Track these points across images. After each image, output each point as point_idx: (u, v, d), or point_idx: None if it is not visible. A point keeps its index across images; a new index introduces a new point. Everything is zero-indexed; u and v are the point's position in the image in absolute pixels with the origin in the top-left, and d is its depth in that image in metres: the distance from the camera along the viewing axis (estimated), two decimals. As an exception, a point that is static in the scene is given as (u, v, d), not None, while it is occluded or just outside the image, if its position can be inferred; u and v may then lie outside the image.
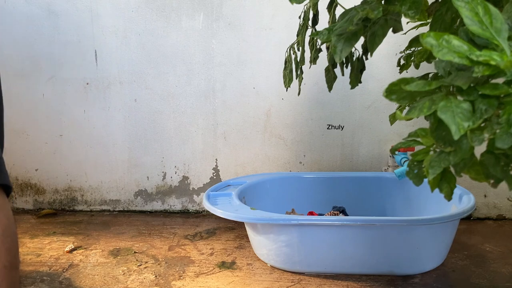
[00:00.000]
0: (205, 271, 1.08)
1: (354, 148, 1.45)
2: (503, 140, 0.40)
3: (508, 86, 0.41)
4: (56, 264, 1.14)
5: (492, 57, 0.40)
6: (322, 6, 0.85)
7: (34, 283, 1.04)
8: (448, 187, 0.54)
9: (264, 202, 1.26)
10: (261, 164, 1.50)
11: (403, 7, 0.59)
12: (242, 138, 1.49)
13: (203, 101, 1.48)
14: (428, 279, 1.00)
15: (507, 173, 0.45)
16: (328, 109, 1.43)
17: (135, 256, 1.17)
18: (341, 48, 0.63)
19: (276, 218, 0.99)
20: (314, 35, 0.68)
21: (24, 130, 1.55)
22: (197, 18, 1.43)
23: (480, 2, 0.44)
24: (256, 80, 1.45)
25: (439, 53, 0.42)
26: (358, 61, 0.85)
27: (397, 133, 1.41)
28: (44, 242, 1.29)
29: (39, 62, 1.50)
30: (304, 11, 0.85)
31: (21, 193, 1.62)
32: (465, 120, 0.40)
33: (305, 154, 1.47)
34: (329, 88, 0.89)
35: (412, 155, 0.58)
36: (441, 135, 0.46)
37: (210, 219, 1.46)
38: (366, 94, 1.40)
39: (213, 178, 1.53)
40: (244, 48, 1.43)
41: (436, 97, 0.43)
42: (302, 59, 0.90)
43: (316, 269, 1.04)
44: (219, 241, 1.27)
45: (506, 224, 1.35)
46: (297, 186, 1.36)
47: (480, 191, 1.39)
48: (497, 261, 1.09)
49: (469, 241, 1.22)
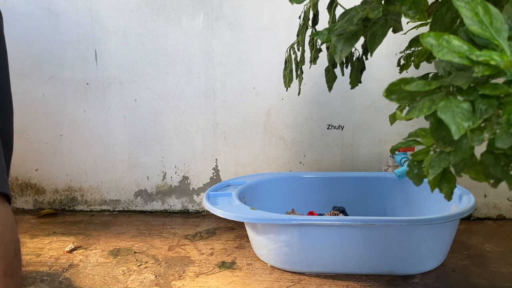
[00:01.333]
0: (205, 271, 1.08)
1: (354, 148, 1.45)
2: (503, 140, 0.40)
3: (508, 86, 0.41)
4: (56, 264, 1.14)
5: (492, 57, 0.40)
6: (322, 6, 0.85)
7: (34, 283, 1.04)
8: (448, 187, 0.54)
9: (264, 202, 1.26)
10: (261, 164, 1.50)
11: (403, 7, 0.59)
12: (242, 138, 1.49)
13: (203, 101, 1.48)
14: (428, 279, 1.00)
15: (507, 173, 0.45)
16: (328, 109, 1.43)
17: (135, 256, 1.17)
18: (341, 48, 0.63)
19: (276, 218, 0.99)
20: (314, 35, 0.68)
21: (24, 130, 1.55)
22: (197, 18, 1.43)
23: (480, 2, 0.44)
24: (256, 80, 1.45)
25: (439, 53, 0.42)
26: (358, 61, 0.85)
27: (397, 133, 1.41)
28: (44, 242, 1.29)
29: (39, 62, 1.50)
30: (304, 11, 0.85)
31: (21, 193, 1.62)
32: (465, 120, 0.40)
33: (305, 154, 1.47)
34: (329, 88, 0.89)
35: (412, 155, 0.58)
36: (441, 135, 0.46)
37: (210, 219, 1.46)
38: (366, 94, 1.40)
39: (213, 178, 1.53)
40: (244, 48, 1.43)
41: (436, 97, 0.43)
42: (302, 59, 0.90)
43: (316, 269, 1.04)
44: (219, 241, 1.27)
45: (506, 224, 1.35)
46: (297, 186, 1.36)
47: (480, 191, 1.39)
48: (497, 261, 1.09)
49: (469, 241, 1.22)
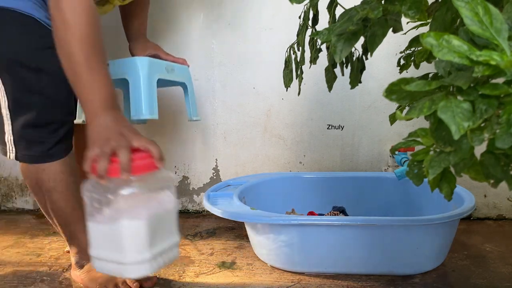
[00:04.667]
0: (205, 271, 1.08)
1: (354, 148, 1.45)
2: (503, 140, 0.40)
3: (508, 86, 0.41)
4: (56, 264, 1.14)
5: (492, 57, 0.40)
6: (322, 6, 0.85)
7: (34, 283, 1.04)
8: (448, 187, 0.54)
9: (264, 202, 1.26)
10: (261, 164, 1.50)
11: (403, 7, 0.59)
12: (242, 138, 1.49)
13: (203, 101, 1.48)
14: (428, 279, 1.00)
15: (507, 173, 0.45)
16: (328, 109, 1.43)
17: (135, 256, 1.17)
18: (341, 48, 0.63)
19: (276, 218, 0.99)
20: (314, 35, 0.68)
21: (24, 130, 1.55)
22: (197, 18, 1.44)
23: (480, 2, 0.44)
24: (256, 80, 1.45)
25: (439, 53, 0.42)
26: (358, 61, 0.85)
27: (397, 133, 1.41)
28: (44, 242, 1.29)
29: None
30: (304, 11, 0.85)
31: (21, 193, 1.62)
32: (465, 120, 0.40)
33: (305, 154, 1.47)
34: (329, 88, 0.89)
35: (412, 155, 0.58)
36: (441, 135, 0.46)
37: (210, 219, 1.46)
38: (366, 94, 1.40)
39: (213, 178, 1.53)
40: (244, 48, 1.43)
41: (436, 97, 0.43)
42: (302, 59, 0.89)
43: (316, 269, 1.04)
44: (219, 241, 1.27)
45: (506, 224, 1.35)
46: (297, 186, 1.36)
47: (480, 191, 1.39)
48: (497, 261, 1.09)
49: (469, 241, 1.22)
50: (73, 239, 1.00)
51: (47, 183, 0.94)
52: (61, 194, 0.95)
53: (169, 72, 1.08)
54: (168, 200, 0.67)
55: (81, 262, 1.00)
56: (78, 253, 1.00)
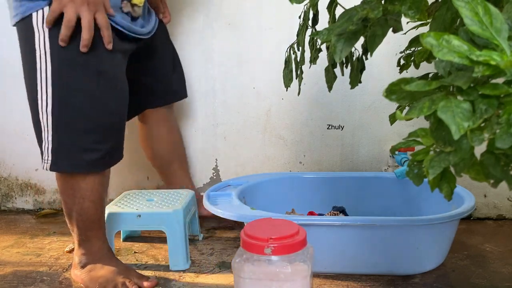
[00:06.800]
0: (205, 271, 1.08)
1: (354, 148, 1.45)
2: (503, 140, 0.40)
3: (508, 86, 0.41)
4: (56, 264, 1.14)
5: (492, 57, 0.40)
6: (322, 6, 0.85)
7: (34, 283, 1.04)
8: (448, 187, 0.54)
9: (264, 202, 1.26)
10: (261, 164, 1.50)
11: (403, 7, 0.59)
12: (242, 138, 1.49)
13: (203, 101, 1.48)
14: (428, 279, 1.00)
15: (507, 173, 0.45)
16: (328, 109, 1.43)
17: (135, 256, 1.17)
18: (341, 48, 0.63)
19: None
20: (314, 35, 0.69)
21: (24, 130, 1.55)
22: (197, 18, 1.43)
23: (480, 2, 0.44)
24: (256, 80, 1.45)
25: (439, 53, 0.42)
26: (358, 61, 0.85)
27: (397, 133, 1.41)
28: (44, 242, 1.29)
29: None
30: (304, 11, 0.85)
31: (21, 193, 1.62)
32: (465, 120, 0.40)
33: (305, 154, 1.47)
34: (329, 88, 0.89)
35: (412, 155, 0.58)
36: (441, 135, 0.46)
37: (210, 219, 1.46)
38: (366, 94, 1.40)
39: (213, 178, 1.53)
40: (244, 48, 1.43)
41: (436, 97, 0.43)
42: (302, 59, 0.90)
43: (316, 269, 1.03)
44: (219, 241, 1.27)
45: (506, 224, 1.35)
46: (297, 186, 1.36)
47: (480, 191, 1.39)
48: (497, 261, 1.09)
49: (469, 241, 1.22)
50: (86, 242, 1.00)
51: (84, 191, 0.95)
52: (93, 203, 0.96)
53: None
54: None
55: (85, 262, 1.00)
56: (85, 255, 1.00)
